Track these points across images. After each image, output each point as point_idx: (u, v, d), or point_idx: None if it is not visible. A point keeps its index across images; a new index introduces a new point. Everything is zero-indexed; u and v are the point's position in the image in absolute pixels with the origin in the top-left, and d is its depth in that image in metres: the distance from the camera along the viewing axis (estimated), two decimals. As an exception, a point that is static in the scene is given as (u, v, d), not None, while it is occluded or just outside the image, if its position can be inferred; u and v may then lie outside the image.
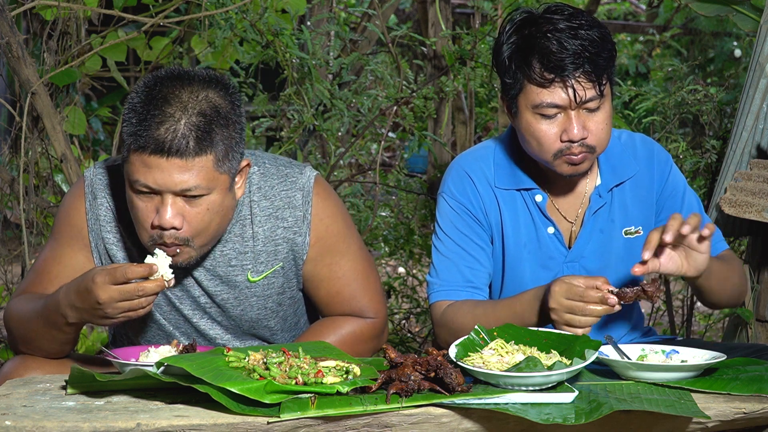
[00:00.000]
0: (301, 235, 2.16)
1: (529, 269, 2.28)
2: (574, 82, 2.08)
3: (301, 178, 2.16)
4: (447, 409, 1.71)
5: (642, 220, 2.30)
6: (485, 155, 2.31)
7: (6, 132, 4.30)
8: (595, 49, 2.08)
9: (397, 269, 4.79)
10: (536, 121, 2.13)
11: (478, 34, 3.82)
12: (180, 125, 1.90)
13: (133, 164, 1.93)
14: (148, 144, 1.89)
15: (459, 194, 2.28)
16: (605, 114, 2.14)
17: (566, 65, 2.07)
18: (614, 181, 2.27)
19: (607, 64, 2.11)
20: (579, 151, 2.12)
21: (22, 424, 1.59)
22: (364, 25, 4.09)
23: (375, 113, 3.84)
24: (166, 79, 1.95)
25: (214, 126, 1.93)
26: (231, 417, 1.63)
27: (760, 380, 1.87)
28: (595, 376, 1.94)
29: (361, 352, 2.19)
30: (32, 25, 3.69)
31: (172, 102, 1.91)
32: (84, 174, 2.17)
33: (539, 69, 2.09)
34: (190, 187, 1.92)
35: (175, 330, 2.22)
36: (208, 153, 1.92)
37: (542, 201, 2.26)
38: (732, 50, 8.22)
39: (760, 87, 2.98)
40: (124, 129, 1.94)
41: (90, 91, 4.81)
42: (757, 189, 2.82)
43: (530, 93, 2.11)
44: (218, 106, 1.95)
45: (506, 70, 2.15)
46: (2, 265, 3.77)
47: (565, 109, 2.10)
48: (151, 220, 1.95)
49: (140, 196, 1.96)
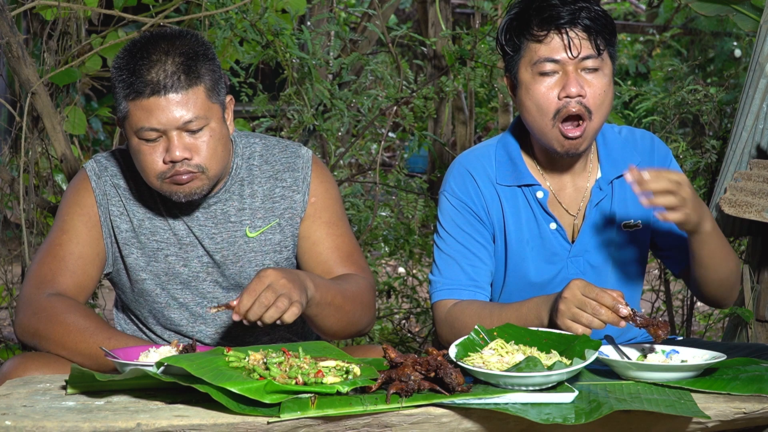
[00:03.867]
0: (299, 193, 2.29)
1: (533, 265, 2.29)
2: (571, 34, 2.12)
3: (301, 150, 2.34)
4: (447, 409, 1.71)
5: (641, 213, 2.30)
6: (487, 153, 2.32)
7: (6, 132, 4.30)
8: (592, 12, 2.14)
9: (397, 269, 4.79)
10: (535, 82, 2.16)
11: (478, 34, 3.82)
12: (167, 65, 2.07)
13: (134, 115, 2.08)
14: (144, 89, 2.05)
15: (460, 192, 2.29)
16: (606, 80, 2.16)
17: (562, 16, 2.12)
18: (615, 173, 2.28)
19: (605, 29, 2.15)
20: (576, 109, 2.13)
21: (22, 424, 1.59)
22: (364, 25, 4.09)
23: (375, 113, 3.84)
24: (141, 39, 2.13)
25: (197, 61, 2.10)
26: (231, 417, 1.63)
27: (760, 380, 1.87)
28: (595, 376, 1.94)
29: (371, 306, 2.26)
30: (32, 25, 3.69)
31: (154, 52, 2.09)
32: (83, 166, 2.30)
33: (537, 23, 2.14)
34: (191, 118, 2.08)
35: (172, 300, 2.28)
36: (198, 84, 2.09)
37: (543, 197, 2.26)
38: (732, 50, 8.22)
39: (760, 87, 2.98)
40: (117, 88, 2.10)
41: (90, 91, 4.81)
42: (757, 189, 2.82)
43: (528, 52, 2.16)
44: (194, 45, 2.12)
45: (507, 42, 2.21)
46: (2, 265, 3.76)
47: (563, 65, 2.13)
48: (160, 161, 2.09)
49: (147, 143, 2.09)
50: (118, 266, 2.28)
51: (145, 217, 2.24)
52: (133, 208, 2.24)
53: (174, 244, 2.25)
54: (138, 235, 2.24)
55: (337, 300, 2.12)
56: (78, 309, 2.11)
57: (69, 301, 2.13)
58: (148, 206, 2.25)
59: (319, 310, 2.08)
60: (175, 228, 2.25)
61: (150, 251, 2.25)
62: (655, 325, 1.93)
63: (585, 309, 1.94)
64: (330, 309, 2.10)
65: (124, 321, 2.41)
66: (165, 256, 2.25)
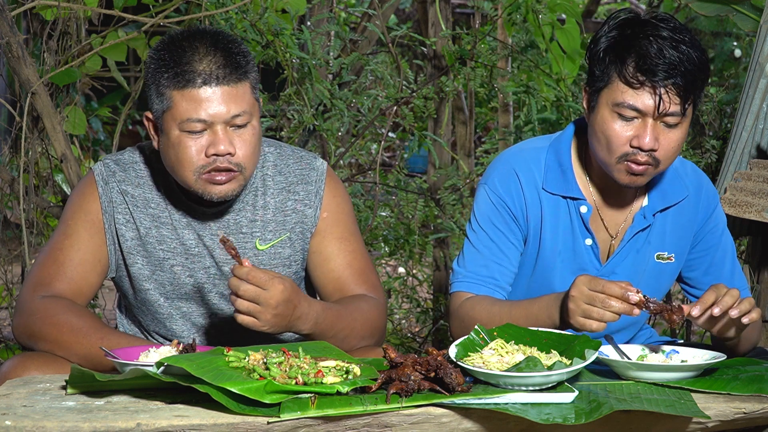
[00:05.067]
0: (311, 208, 2.25)
1: (559, 276, 2.26)
2: (663, 91, 2.05)
3: (315, 162, 2.29)
4: (447, 409, 1.71)
5: (676, 248, 2.29)
6: (537, 156, 2.28)
7: (6, 132, 4.30)
8: (692, 66, 2.05)
9: (397, 269, 4.78)
10: (612, 120, 2.10)
11: (478, 34, 3.82)
12: (218, 58, 2.04)
13: (179, 105, 2.04)
14: (195, 78, 2.02)
15: (503, 190, 2.25)
16: (681, 134, 2.10)
17: (660, 71, 2.04)
18: (661, 205, 2.26)
19: (699, 87, 2.08)
20: (644, 160, 2.09)
21: (22, 424, 1.59)
22: (364, 25, 4.08)
23: (375, 113, 3.84)
24: (182, 33, 2.09)
25: (244, 57, 2.08)
26: (231, 417, 1.63)
27: (760, 380, 1.87)
28: (595, 376, 1.94)
29: (381, 329, 2.24)
30: (32, 25, 3.68)
31: (201, 44, 2.05)
32: (91, 168, 2.26)
33: (633, 69, 2.06)
34: (239, 112, 2.05)
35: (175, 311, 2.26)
36: (245, 80, 2.07)
37: (587, 213, 2.23)
38: (732, 50, 8.21)
39: (760, 87, 2.98)
40: (161, 78, 2.05)
41: (90, 91, 4.81)
42: (757, 189, 2.82)
43: (615, 90, 2.09)
44: (237, 43, 2.10)
45: (599, 62, 2.12)
46: (2, 265, 3.76)
47: (644, 116, 2.07)
48: (201, 154, 2.05)
49: (190, 135, 2.05)
50: (121, 273, 2.26)
51: (152, 225, 2.20)
52: (140, 215, 2.21)
53: (181, 254, 2.21)
54: (144, 244, 2.21)
55: (343, 333, 2.12)
56: (71, 309, 2.09)
57: (63, 301, 2.11)
58: (157, 214, 2.21)
59: (320, 339, 2.09)
60: (183, 237, 2.21)
61: (156, 260, 2.21)
62: (669, 311, 1.90)
63: (594, 303, 1.92)
64: (334, 340, 2.09)
65: (127, 323, 2.39)
66: (171, 266, 2.22)
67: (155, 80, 2.06)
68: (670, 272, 2.31)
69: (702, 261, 2.33)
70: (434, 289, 4.28)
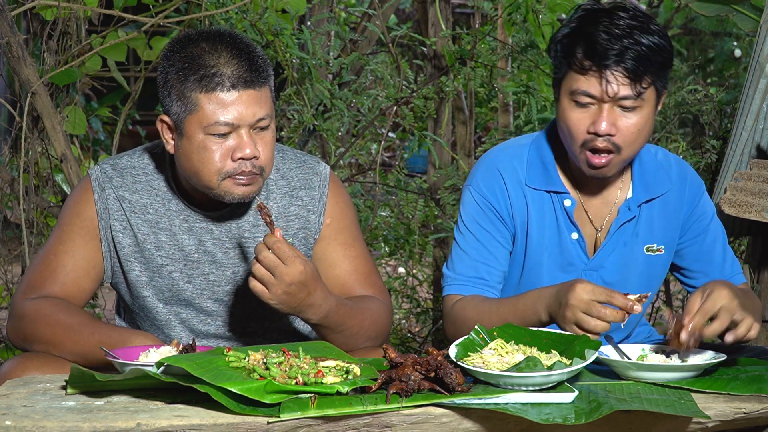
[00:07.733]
0: (315, 214, 2.24)
1: (547, 272, 2.27)
2: (611, 75, 2.07)
3: (318, 167, 2.28)
4: (447, 409, 1.71)
5: (665, 239, 2.29)
6: (519, 153, 2.29)
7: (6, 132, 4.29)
8: (644, 51, 2.06)
9: (397, 269, 4.78)
10: (570, 108, 2.13)
11: (478, 34, 3.82)
12: (243, 61, 2.04)
13: (206, 108, 2.02)
14: (224, 81, 2.02)
15: (487, 190, 2.27)
16: (641, 118, 2.11)
17: (607, 56, 2.06)
18: (645, 197, 2.26)
19: (653, 70, 2.09)
20: (603, 146, 2.11)
21: (22, 424, 1.59)
22: (364, 25, 4.08)
23: (375, 113, 3.84)
24: (201, 36, 2.08)
25: (265, 61, 2.09)
26: (231, 417, 1.63)
27: (760, 380, 1.87)
28: (595, 376, 1.94)
29: (387, 328, 2.24)
30: (32, 25, 3.69)
31: (224, 48, 2.04)
32: (88, 172, 2.23)
33: (581, 55, 2.10)
34: (264, 115, 2.06)
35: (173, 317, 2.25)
36: (267, 84, 2.09)
37: (571, 206, 2.25)
38: (732, 50, 8.21)
39: (760, 87, 2.98)
40: (185, 82, 2.02)
41: (90, 91, 4.81)
42: (757, 189, 2.82)
43: (570, 78, 2.13)
44: (255, 47, 2.10)
45: (555, 55, 2.17)
46: (2, 265, 3.76)
47: (600, 101, 2.10)
48: (228, 159, 2.04)
49: (215, 139, 2.04)
50: (118, 279, 2.24)
51: (150, 231, 2.18)
52: (138, 222, 2.18)
53: (179, 260, 2.20)
54: (142, 251, 2.19)
55: (351, 330, 2.12)
56: (61, 307, 2.08)
57: (52, 300, 2.10)
58: (155, 220, 2.19)
59: (326, 333, 2.10)
60: (182, 243, 2.19)
61: (154, 267, 2.20)
62: (679, 325, 1.88)
63: (590, 313, 1.94)
64: (340, 336, 2.10)
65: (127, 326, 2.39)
66: (169, 272, 2.20)
67: (177, 84, 2.04)
68: (661, 264, 2.32)
69: (691, 249, 2.34)
70: (434, 289, 4.28)
